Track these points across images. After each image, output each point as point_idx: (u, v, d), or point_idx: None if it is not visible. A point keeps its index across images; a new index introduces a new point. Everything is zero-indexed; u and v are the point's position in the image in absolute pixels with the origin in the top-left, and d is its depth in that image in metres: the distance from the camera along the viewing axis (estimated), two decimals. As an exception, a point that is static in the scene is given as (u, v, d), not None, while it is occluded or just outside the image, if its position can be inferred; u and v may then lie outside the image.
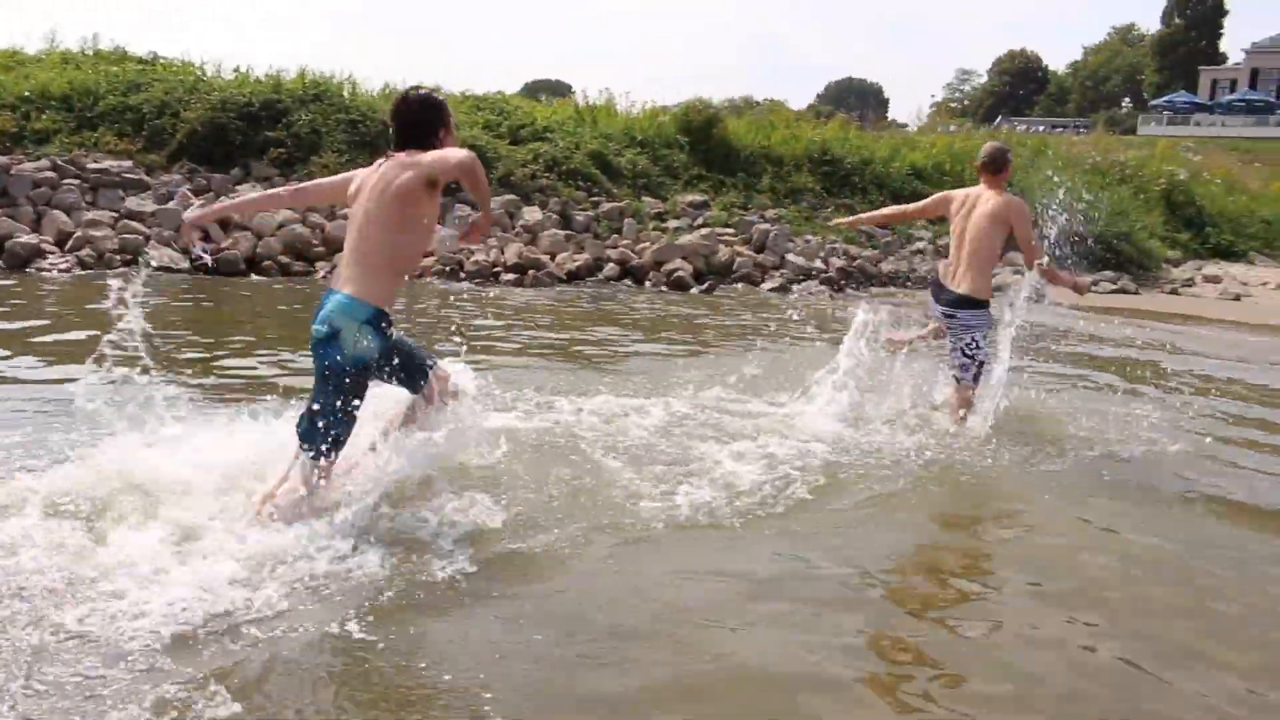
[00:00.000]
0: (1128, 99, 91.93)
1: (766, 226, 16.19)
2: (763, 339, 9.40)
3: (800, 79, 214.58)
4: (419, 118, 4.21)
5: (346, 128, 15.08)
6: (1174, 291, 18.71)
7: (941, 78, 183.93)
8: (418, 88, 4.47)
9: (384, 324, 4.01)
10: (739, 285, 14.56)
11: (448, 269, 13.15)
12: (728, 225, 16.28)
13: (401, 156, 4.08)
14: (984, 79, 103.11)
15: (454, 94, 18.63)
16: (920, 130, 26.07)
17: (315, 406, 3.95)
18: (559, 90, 29.69)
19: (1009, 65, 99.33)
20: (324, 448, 3.95)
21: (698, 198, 17.00)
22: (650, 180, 17.16)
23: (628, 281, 14.29)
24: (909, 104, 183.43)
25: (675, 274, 14.28)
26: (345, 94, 15.75)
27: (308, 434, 3.97)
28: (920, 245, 17.71)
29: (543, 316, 10.62)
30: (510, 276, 13.28)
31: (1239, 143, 56.03)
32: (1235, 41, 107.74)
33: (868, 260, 16.45)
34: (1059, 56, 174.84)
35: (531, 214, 15.02)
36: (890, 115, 43.30)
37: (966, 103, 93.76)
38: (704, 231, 15.58)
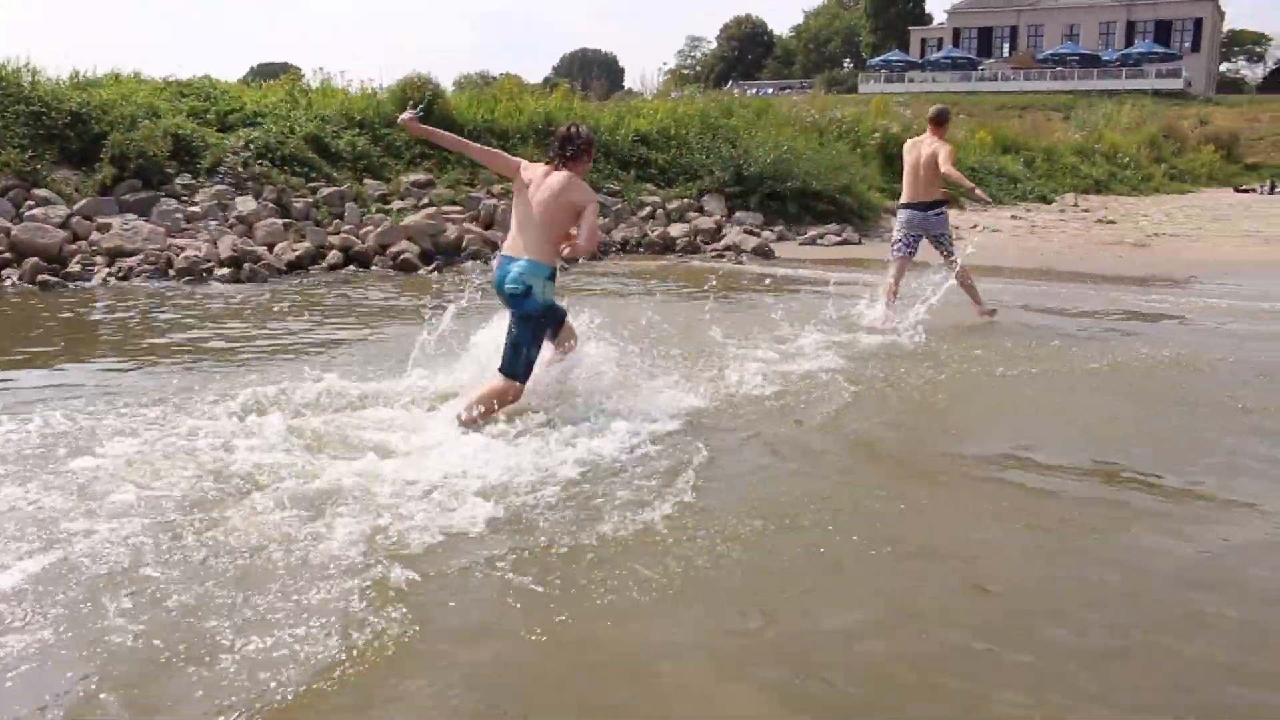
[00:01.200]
0: (849, 60, 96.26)
1: (493, 202, 16.04)
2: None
3: (537, 53, 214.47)
4: (580, 146, 5.82)
5: (28, 120, 13.91)
6: (892, 240, 19.64)
7: (673, 45, 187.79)
8: (580, 123, 6.19)
9: (554, 279, 5.75)
10: (470, 263, 14.37)
11: (154, 266, 12.37)
12: (454, 203, 16.04)
13: (565, 174, 5.73)
14: (714, 45, 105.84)
15: (155, 79, 17.53)
16: (655, 97, 26.39)
17: (516, 343, 5.66)
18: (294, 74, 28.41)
19: (736, 31, 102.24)
20: (522, 373, 5.71)
21: (422, 177, 16.65)
22: (372, 162, 16.68)
23: (353, 267, 13.86)
24: (645, 72, 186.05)
25: (401, 256, 13.96)
26: (25, 83, 14.47)
27: (511, 365, 5.69)
28: (649, 210, 17.95)
29: (244, 311, 10.17)
30: (224, 271, 12.62)
31: (946, 97, 59.68)
32: (938, 3, 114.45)
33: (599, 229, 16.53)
34: (783, 21, 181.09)
35: (245, 204, 14.31)
36: (626, 84, 43.69)
37: (698, 69, 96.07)
38: (430, 211, 15.29)
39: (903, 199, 9.95)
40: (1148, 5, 79.08)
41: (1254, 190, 37.47)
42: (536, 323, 5.69)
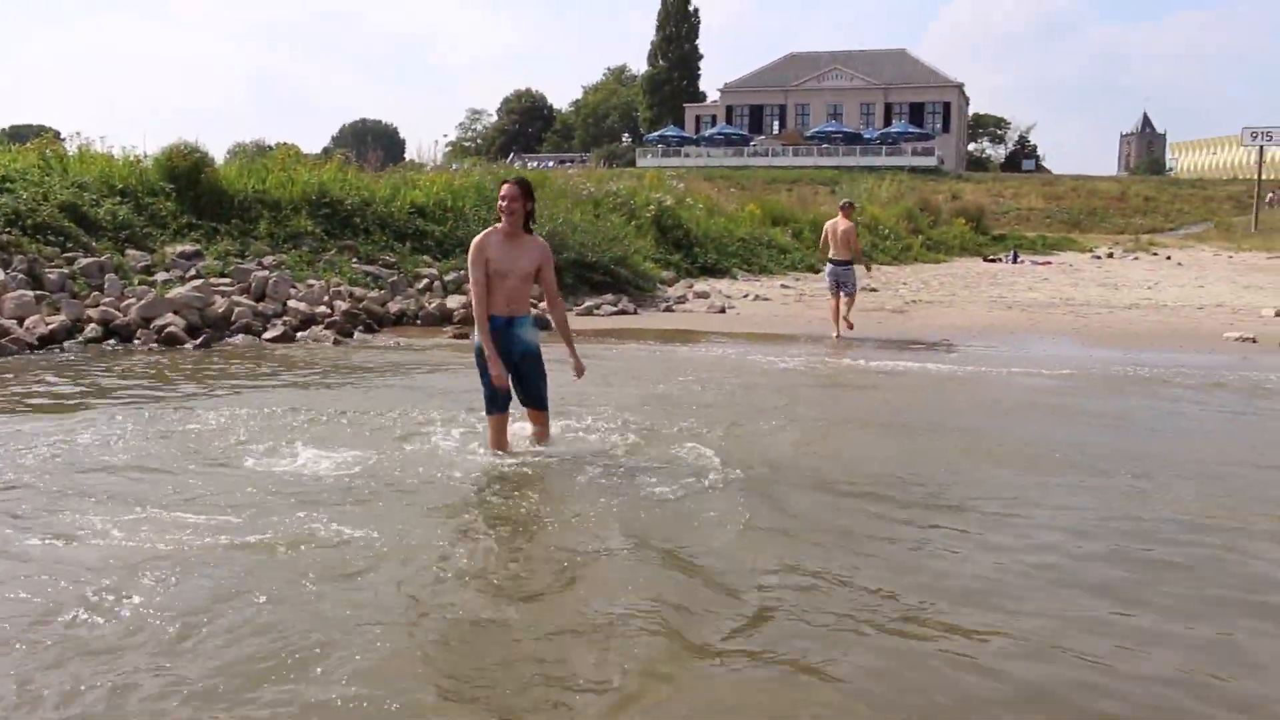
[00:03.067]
0: (627, 134, 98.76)
1: (265, 274, 15.67)
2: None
3: (314, 121, 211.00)
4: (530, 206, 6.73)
5: None
6: (669, 309, 20.13)
7: (454, 118, 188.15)
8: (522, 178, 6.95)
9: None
10: (239, 337, 13.95)
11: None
12: (224, 275, 15.59)
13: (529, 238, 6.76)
14: (495, 118, 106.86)
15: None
16: (434, 169, 26.41)
17: (544, 383, 6.81)
18: (50, 137, 27.03)
19: (516, 104, 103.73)
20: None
21: (189, 248, 16.13)
22: (135, 232, 16.05)
23: (113, 341, 13.23)
24: (424, 144, 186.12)
25: (166, 329, 13.41)
26: None
27: (543, 398, 6.87)
28: (425, 282, 17.89)
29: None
30: (-35, 346, 11.84)
31: (721, 171, 62.13)
32: (711, 81, 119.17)
33: (374, 301, 16.36)
34: (562, 95, 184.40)
35: (-9, 275, 13.52)
36: (407, 155, 43.49)
37: (479, 141, 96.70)
38: (197, 283, 14.79)
39: (830, 256, 16.05)
40: (903, 89, 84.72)
41: (1000, 260, 40.36)
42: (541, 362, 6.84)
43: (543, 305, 6.83)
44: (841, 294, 15.76)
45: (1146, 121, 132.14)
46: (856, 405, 9.79)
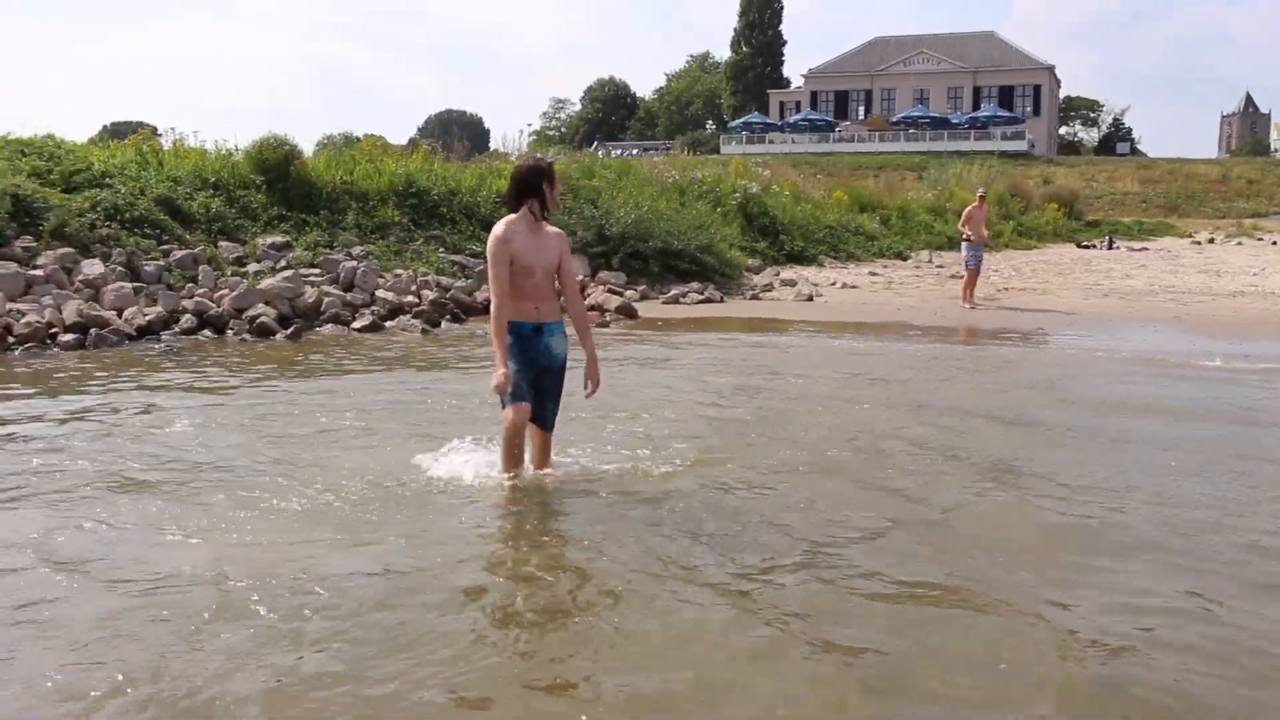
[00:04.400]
0: (711, 121, 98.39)
1: (353, 264, 15.82)
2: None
3: (390, 115, 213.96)
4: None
5: None
6: (755, 297, 19.92)
7: (539, 107, 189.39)
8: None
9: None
10: (328, 326, 14.10)
11: (-9, 335, 11.81)
12: (313, 265, 15.77)
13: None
14: (578, 107, 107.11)
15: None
16: (520, 158, 26.45)
17: (558, 404, 5.89)
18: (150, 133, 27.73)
19: (600, 93, 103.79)
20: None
21: (279, 239, 16.34)
22: (227, 224, 16.30)
23: (207, 332, 13.46)
24: (508, 134, 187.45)
25: (258, 320, 13.60)
26: None
27: (552, 421, 5.89)
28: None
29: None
30: (69, 338, 12.10)
31: (806, 157, 61.56)
32: (795, 67, 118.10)
33: (461, 291, 16.44)
34: (646, 83, 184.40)
35: (92, 267, 13.81)
36: (492, 145, 43.81)
37: (563, 130, 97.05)
38: (287, 273, 14.97)
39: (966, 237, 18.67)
40: (991, 72, 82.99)
41: (1095, 245, 39.35)
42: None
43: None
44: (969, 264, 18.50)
45: (1250, 101, 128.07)
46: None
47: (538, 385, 5.70)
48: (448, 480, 5.92)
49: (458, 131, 63.23)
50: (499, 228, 5.67)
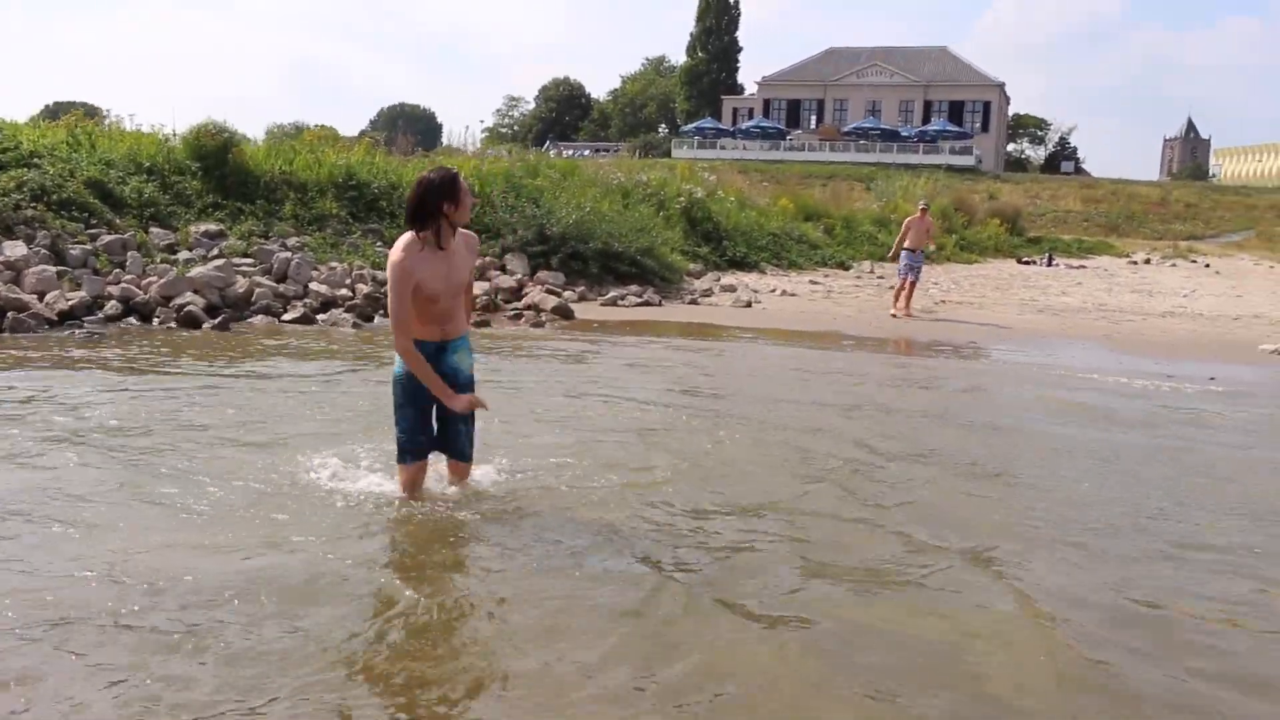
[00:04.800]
0: (664, 125, 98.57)
1: (288, 255, 15.59)
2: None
3: (355, 108, 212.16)
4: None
5: None
6: (694, 302, 19.87)
7: (493, 104, 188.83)
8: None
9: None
10: (258, 318, 13.88)
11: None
12: (246, 255, 15.52)
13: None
14: (532, 106, 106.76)
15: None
16: (474, 155, 26.30)
17: (473, 429, 5.44)
18: (88, 114, 27.21)
19: (554, 92, 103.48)
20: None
21: (213, 227, 16.06)
22: (160, 210, 15.99)
23: (133, 319, 13.20)
24: (458, 130, 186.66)
25: (186, 309, 13.35)
26: None
27: (469, 450, 5.50)
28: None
29: None
30: (-17, 320, 11.81)
31: (756, 164, 61.82)
32: (750, 74, 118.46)
33: (396, 286, 16.25)
34: (601, 85, 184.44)
35: (14, 249, 13.48)
36: (444, 140, 43.55)
37: (516, 128, 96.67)
38: (219, 263, 14.72)
39: (906, 246, 18.71)
40: (943, 87, 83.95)
41: (1034, 262, 39.84)
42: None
43: None
44: (910, 275, 18.62)
45: (1191, 126, 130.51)
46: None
47: (442, 412, 5.30)
48: (348, 483, 5.74)
49: (404, 125, 62.82)
50: (398, 251, 4.99)
